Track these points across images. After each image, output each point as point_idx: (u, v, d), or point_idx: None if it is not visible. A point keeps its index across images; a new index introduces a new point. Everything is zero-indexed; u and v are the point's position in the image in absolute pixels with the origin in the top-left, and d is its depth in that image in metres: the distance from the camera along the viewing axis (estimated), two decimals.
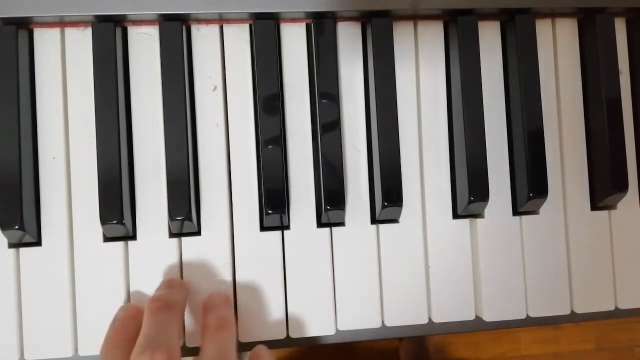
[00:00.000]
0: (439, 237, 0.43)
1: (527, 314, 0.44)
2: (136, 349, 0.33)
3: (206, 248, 0.41)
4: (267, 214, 0.40)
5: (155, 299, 0.37)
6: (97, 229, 0.40)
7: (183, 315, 0.39)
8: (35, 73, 0.41)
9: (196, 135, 0.42)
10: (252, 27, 0.42)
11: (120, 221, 0.38)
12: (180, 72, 0.40)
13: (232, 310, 0.40)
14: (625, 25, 0.46)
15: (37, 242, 0.40)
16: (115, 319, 0.38)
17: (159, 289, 0.39)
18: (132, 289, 0.40)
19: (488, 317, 0.43)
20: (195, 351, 0.41)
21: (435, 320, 0.43)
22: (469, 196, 0.41)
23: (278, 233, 0.42)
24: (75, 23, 0.41)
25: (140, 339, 0.34)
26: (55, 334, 0.40)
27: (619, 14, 0.45)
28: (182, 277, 0.41)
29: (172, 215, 0.39)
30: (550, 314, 0.44)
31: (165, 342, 0.33)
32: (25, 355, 0.39)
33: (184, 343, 0.41)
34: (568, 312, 0.44)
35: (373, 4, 0.41)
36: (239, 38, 0.42)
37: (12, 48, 0.39)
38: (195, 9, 0.40)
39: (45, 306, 0.40)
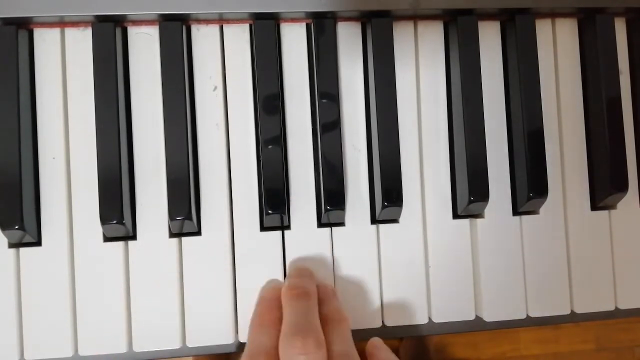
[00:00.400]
0: (439, 237, 0.43)
1: (527, 314, 0.44)
2: (286, 333, 0.34)
3: (206, 248, 0.41)
4: (267, 214, 0.40)
5: (292, 286, 0.38)
6: (97, 229, 0.40)
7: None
8: (35, 73, 0.41)
9: (196, 135, 0.42)
10: (252, 27, 0.42)
11: (120, 221, 0.38)
12: (180, 72, 0.40)
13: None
14: (625, 25, 0.46)
15: (37, 242, 0.40)
16: (263, 298, 0.39)
17: (291, 277, 0.40)
18: (132, 289, 0.40)
19: (488, 317, 0.43)
20: None
21: (435, 320, 0.43)
22: (469, 196, 0.41)
23: (278, 233, 0.42)
24: (75, 23, 0.41)
25: (287, 325, 0.35)
26: (55, 334, 0.40)
27: (619, 14, 0.45)
28: (182, 277, 0.41)
29: (172, 215, 0.39)
30: (550, 314, 0.44)
31: (314, 329, 0.34)
32: (25, 355, 0.39)
33: None
34: (568, 312, 0.44)
35: (373, 4, 0.41)
36: (239, 38, 0.42)
37: (12, 48, 0.39)
38: (195, 9, 0.40)
39: (45, 306, 0.40)
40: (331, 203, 0.40)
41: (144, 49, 0.41)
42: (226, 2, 0.40)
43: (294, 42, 0.43)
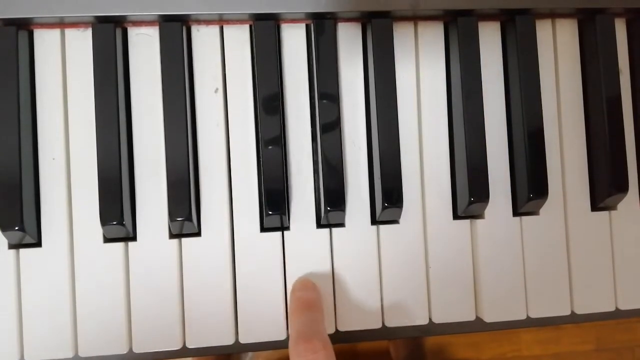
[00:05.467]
0: (439, 237, 0.43)
1: (527, 315, 0.44)
2: (294, 338, 0.36)
3: (206, 249, 0.41)
4: (267, 214, 0.40)
5: (297, 298, 0.40)
6: (97, 230, 0.40)
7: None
8: (35, 73, 0.41)
9: (196, 135, 0.42)
10: (252, 27, 0.42)
11: (121, 222, 0.38)
12: (181, 72, 0.40)
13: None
14: (625, 25, 0.46)
15: (37, 243, 0.40)
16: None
17: (295, 290, 0.41)
18: (132, 290, 0.40)
19: (488, 317, 0.43)
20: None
21: (436, 320, 0.43)
22: (469, 197, 0.41)
23: (278, 234, 0.42)
24: (75, 24, 0.41)
25: (294, 333, 0.37)
26: (55, 334, 0.40)
27: (619, 14, 0.45)
28: (182, 278, 0.41)
29: (172, 216, 0.39)
30: (551, 315, 0.44)
31: (317, 333, 0.37)
32: (26, 356, 0.39)
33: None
34: (568, 312, 0.44)
35: (373, 5, 0.41)
36: (239, 39, 0.42)
37: (12, 49, 0.39)
38: (195, 10, 0.40)
39: (45, 307, 0.40)
40: (331, 204, 0.40)
41: (144, 50, 0.41)
42: (226, 2, 0.40)
43: (294, 42, 0.43)
